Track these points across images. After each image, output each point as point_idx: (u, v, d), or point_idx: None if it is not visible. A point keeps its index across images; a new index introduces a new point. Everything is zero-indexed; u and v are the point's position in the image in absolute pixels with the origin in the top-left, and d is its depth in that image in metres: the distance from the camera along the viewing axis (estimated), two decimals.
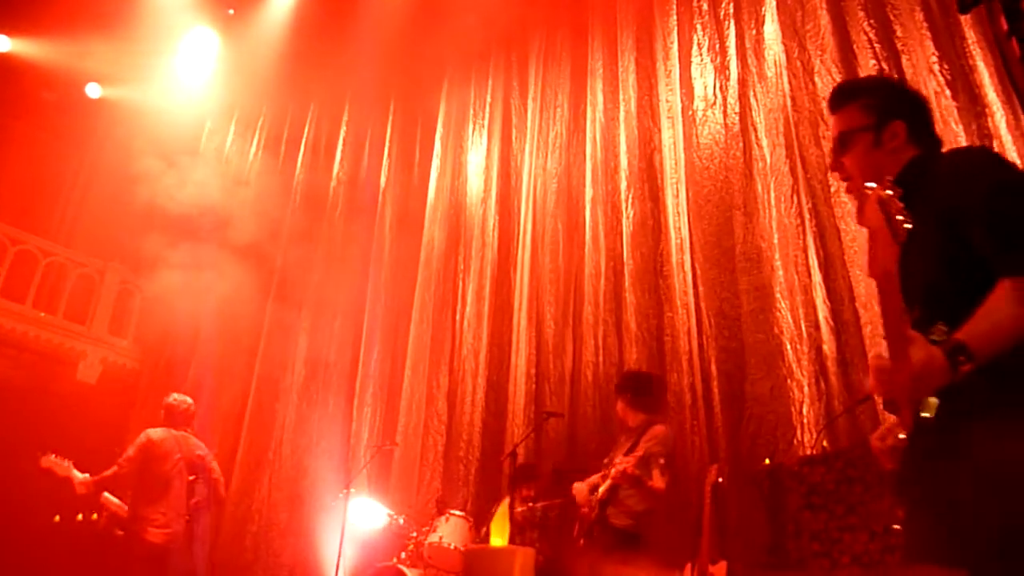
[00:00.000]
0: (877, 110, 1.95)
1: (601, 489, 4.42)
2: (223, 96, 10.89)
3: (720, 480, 4.28)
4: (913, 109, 1.98)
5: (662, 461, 4.39)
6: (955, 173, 1.74)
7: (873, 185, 1.49)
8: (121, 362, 10.37)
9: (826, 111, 5.52)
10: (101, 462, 5.42)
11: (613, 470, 4.31)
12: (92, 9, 9.66)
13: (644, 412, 4.70)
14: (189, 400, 5.84)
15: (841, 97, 2.06)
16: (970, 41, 4.86)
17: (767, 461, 4.35)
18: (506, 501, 5.21)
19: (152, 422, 5.79)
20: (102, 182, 11.16)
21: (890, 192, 1.48)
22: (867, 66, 5.46)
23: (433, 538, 5.25)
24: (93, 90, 11.08)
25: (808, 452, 4.48)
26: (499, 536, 5.09)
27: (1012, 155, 4.47)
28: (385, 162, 8.93)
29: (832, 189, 5.33)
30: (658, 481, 4.34)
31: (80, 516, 7.77)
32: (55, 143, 10.97)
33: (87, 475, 5.37)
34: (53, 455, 5.43)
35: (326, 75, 9.65)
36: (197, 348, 9.15)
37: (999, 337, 1.53)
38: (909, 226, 1.52)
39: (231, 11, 10.65)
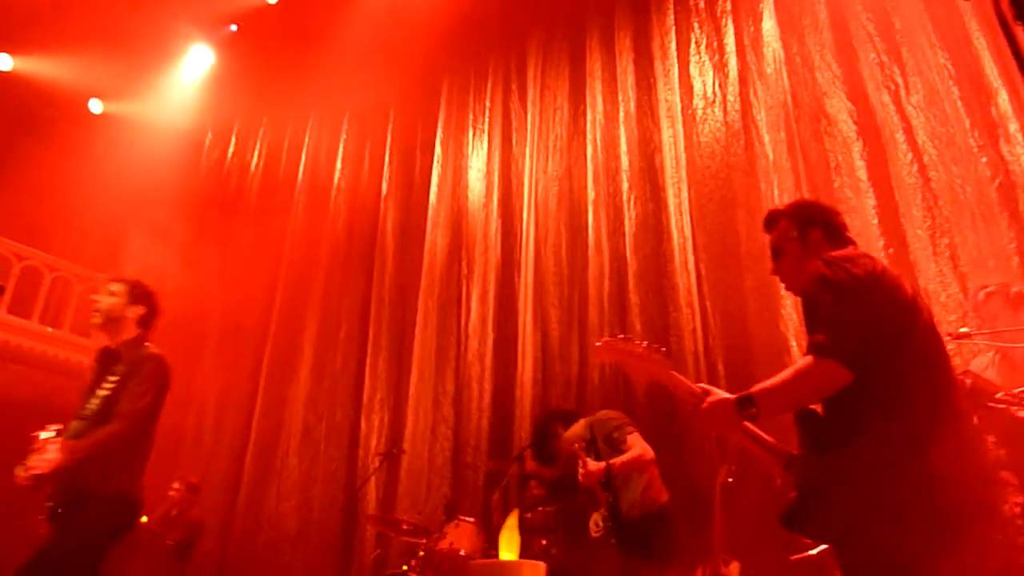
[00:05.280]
0: (798, 222, 2.42)
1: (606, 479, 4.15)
2: (223, 110, 10.95)
3: (730, 480, 4.23)
4: (826, 217, 2.47)
5: (628, 429, 4.22)
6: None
7: None
8: None
9: (827, 106, 5.55)
10: None
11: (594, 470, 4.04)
12: (93, 26, 9.72)
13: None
14: None
15: (770, 219, 2.51)
16: (972, 30, 4.83)
17: None
18: (515, 513, 5.14)
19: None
20: (106, 196, 11.19)
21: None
22: (868, 60, 5.44)
23: (443, 544, 5.23)
24: (95, 106, 11.16)
25: None
26: (508, 550, 5.01)
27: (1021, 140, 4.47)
28: (386, 169, 8.91)
29: (836, 184, 5.31)
30: (635, 447, 4.14)
31: None
32: (59, 159, 10.98)
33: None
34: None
35: (325, 85, 9.67)
36: (202, 361, 9.13)
37: (781, 394, 1.98)
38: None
39: (233, 27, 10.71)
